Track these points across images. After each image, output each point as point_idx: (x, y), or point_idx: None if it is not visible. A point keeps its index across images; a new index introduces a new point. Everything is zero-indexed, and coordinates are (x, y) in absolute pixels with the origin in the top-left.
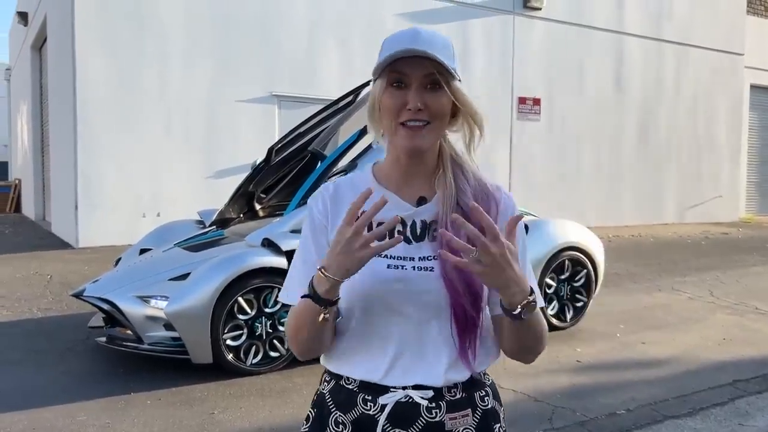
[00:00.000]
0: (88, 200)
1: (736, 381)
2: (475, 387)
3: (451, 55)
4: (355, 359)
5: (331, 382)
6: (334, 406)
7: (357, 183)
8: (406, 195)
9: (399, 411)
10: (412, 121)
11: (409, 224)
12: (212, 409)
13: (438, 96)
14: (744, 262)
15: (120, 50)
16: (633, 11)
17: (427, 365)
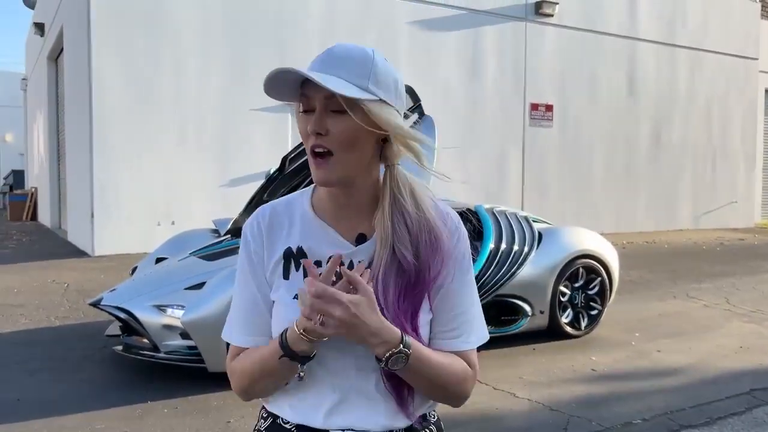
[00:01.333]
0: (104, 209)
1: (754, 390)
2: (418, 427)
3: (365, 73)
4: (294, 402)
5: (269, 419)
6: None
7: (292, 209)
8: (344, 230)
9: None
10: (317, 148)
11: (347, 264)
12: (228, 418)
13: (340, 120)
14: (760, 269)
15: (136, 60)
16: (646, 17)
17: (368, 412)
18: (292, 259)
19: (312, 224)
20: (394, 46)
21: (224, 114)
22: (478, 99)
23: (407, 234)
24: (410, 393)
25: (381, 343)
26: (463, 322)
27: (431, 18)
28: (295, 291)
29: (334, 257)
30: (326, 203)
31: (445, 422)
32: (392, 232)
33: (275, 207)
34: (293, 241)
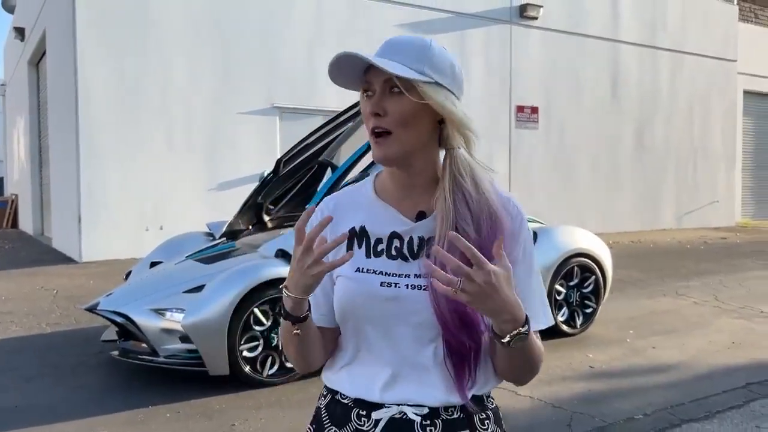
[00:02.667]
0: (92, 214)
1: (749, 384)
2: (477, 407)
3: (422, 58)
4: (352, 377)
5: (328, 396)
6: (329, 421)
7: (356, 196)
8: (405, 209)
9: (392, 427)
10: (377, 129)
11: (406, 240)
12: (232, 421)
13: (397, 101)
14: (744, 266)
15: (122, 64)
16: (627, 19)
17: (423, 386)
18: (355, 238)
19: (374, 205)
20: None
21: (212, 117)
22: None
23: (468, 212)
24: (470, 372)
25: (510, 319)
26: (532, 307)
27: (418, 21)
28: (357, 266)
29: (340, 235)
30: (388, 185)
31: None
32: (454, 209)
33: (339, 197)
34: (357, 221)
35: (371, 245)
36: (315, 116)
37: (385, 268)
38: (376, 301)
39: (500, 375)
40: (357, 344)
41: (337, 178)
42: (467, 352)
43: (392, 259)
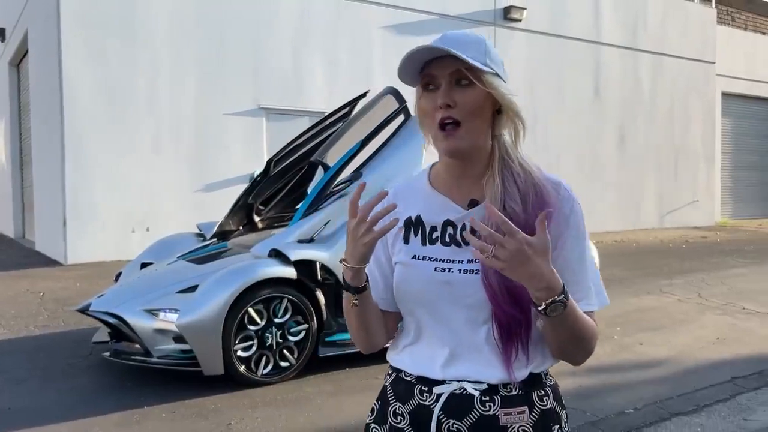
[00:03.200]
0: (77, 216)
1: (735, 378)
2: (534, 386)
3: (482, 51)
4: (413, 356)
5: (393, 375)
6: (393, 397)
7: (413, 187)
8: (458, 197)
9: (453, 402)
10: (447, 123)
11: (459, 227)
12: (228, 420)
13: (467, 92)
14: (726, 264)
15: (108, 64)
16: (609, 22)
17: (479, 365)
18: (411, 227)
19: (429, 195)
20: (368, 50)
21: (199, 119)
22: None
23: (517, 191)
24: (519, 348)
25: (545, 288)
26: (584, 288)
27: (403, 23)
28: (413, 254)
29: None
30: (442, 177)
31: None
32: (502, 189)
33: (396, 188)
34: (413, 211)
35: (426, 233)
36: (301, 117)
37: (439, 255)
38: (432, 285)
39: (553, 354)
40: (417, 326)
41: (329, 178)
42: (517, 326)
43: (446, 245)
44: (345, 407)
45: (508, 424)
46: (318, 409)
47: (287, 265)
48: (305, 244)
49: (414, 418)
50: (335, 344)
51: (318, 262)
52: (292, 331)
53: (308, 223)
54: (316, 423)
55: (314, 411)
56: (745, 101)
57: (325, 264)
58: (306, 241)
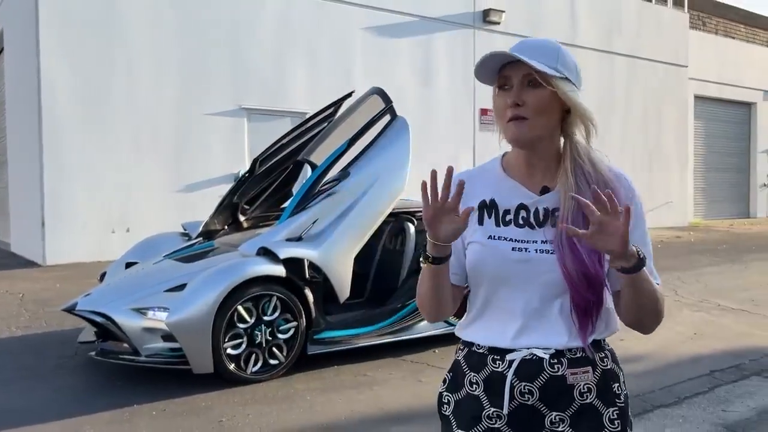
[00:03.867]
0: (56, 217)
1: (713, 371)
2: (596, 349)
3: (554, 57)
4: (484, 329)
5: (465, 349)
6: (467, 368)
7: (487, 170)
8: (530, 184)
9: (524, 366)
10: (516, 117)
11: (532, 210)
12: (220, 417)
13: (535, 93)
14: (700, 263)
15: (87, 63)
16: (585, 25)
17: (548, 334)
18: (485, 209)
19: (502, 181)
20: (349, 52)
21: (179, 119)
22: (431, 104)
23: (587, 186)
24: (592, 324)
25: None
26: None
27: (385, 24)
28: (489, 234)
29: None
30: (515, 164)
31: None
32: (575, 184)
33: (469, 173)
34: (487, 194)
35: (500, 216)
36: (283, 118)
37: (515, 236)
38: (509, 263)
39: (629, 323)
40: (487, 302)
41: (317, 176)
42: (591, 307)
43: (520, 227)
44: (335, 403)
45: (575, 383)
46: (309, 405)
47: (276, 263)
48: (294, 242)
49: (488, 385)
50: (323, 342)
51: (306, 260)
52: (281, 329)
53: (296, 221)
54: (308, 419)
55: (305, 407)
56: (717, 104)
57: (313, 262)
58: (294, 239)
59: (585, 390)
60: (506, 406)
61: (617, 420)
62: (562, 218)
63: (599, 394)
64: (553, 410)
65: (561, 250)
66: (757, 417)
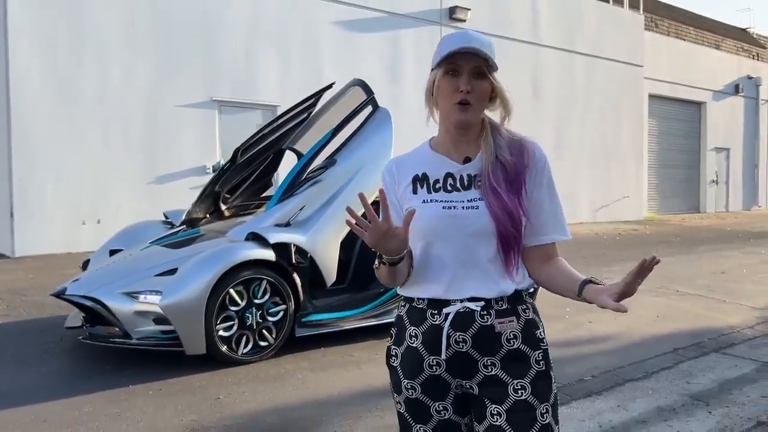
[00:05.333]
0: (25, 209)
1: (676, 349)
2: (518, 302)
3: (493, 51)
4: (422, 283)
5: (406, 305)
6: (409, 322)
7: (418, 151)
8: (455, 157)
9: (458, 318)
10: (463, 102)
11: (458, 177)
12: (216, 395)
13: (481, 84)
14: (656, 253)
15: (57, 55)
16: (547, 25)
17: (478, 281)
18: (417, 182)
19: (431, 157)
20: (318, 46)
21: (149, 110)
22: (399, 100)
23: (505, 145)
24: (515, 258)
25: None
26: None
27: (354, 19)
28: (423, 199)
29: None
30: (442, 142)
31: None
32: (494, 144)
33: (400, 158)
34: (419, 169)
35: (431, 184)
36: (254, 110)
37: (445, 198)
38: (439, 218)
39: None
40: (424, 257)
41: (303, 165)
42: (514, 241)
43: (448, 192)
44: (326, 381)
45: (502, 331)
46: (301, 383)
47: (266, 247)
48: (282, 227)
49: (426, 336)
50: (311, 324)
51: (293, 245)
52: (271, 311)
53: (284, 207)
54: (301, 396)
55: (298, 385)
56: (670, 103)
57: (300, 247)
58: (283, 225)
59: (511, 337)
60: (443, 353)
61: (542, 361)
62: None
63: (524, 340)
64: (484, 355)
65: (487, 195)
66: (718, 388)
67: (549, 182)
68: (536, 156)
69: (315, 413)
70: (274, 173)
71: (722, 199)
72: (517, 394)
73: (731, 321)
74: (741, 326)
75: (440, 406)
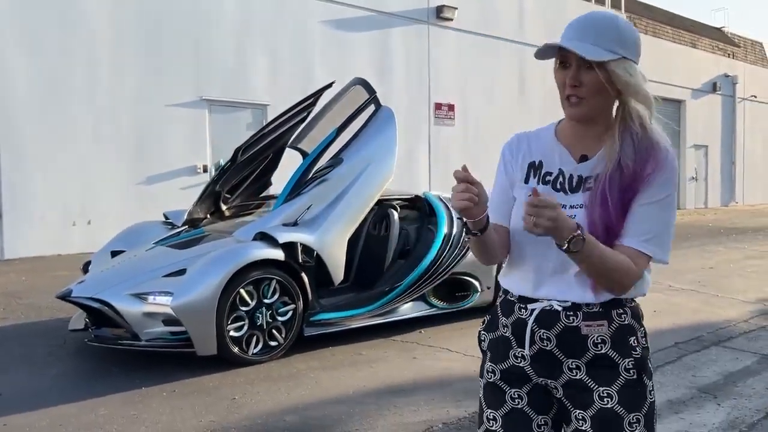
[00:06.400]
0: (14, 210)
1: (678, 343)
2: (613, 305)
3: (611, 37)
4: (513, 280)
5: (502, 296)
6: (501, 313)
7: (542, 134)
8: (575, 152)
9: (543, 316)
10: (572, 96)
11: (568, 177)
12: (231, 396)
13: (591, 74)
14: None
15: (46, 53)
16: (532, 25)
17: (565, 287)
18: (532, 169)
19: (553, 145)
20: (308, 45)
21: (139, 110)
22: (387, 98)
23: (632, 150)
24: None
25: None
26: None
27: (343, 18)
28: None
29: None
30: (567, 132)
31: (443, 381)
32: (619, 149)
33: (527, 134)
34: (537, 156)
35: (542, 176)
36: (245, 109)
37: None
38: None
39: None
40: (519, 254)
41: (309, 164)
42: None
43: (556, 191)
44: (339, 380)
45: (589, 334)
46: (314, 382)
47: (275, 247)
48: (290, 227)
49: (514, 329)
50: (319, 323)
51: (299, 244)
52: (280, 311)
53: (292, 207)
54: (316, 395)
55: (311, 384)
56: None
57: (308, 246)
58: (290, 224)
59: (599, 341)
60: (527, 348)
61: (633, 369)
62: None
63: (613, 345)
64: (569, 357)
65: (593, 202)
66: (724, 380)
67: (666, 200)
68: (663, 167)
69: (333, 412)
70: (273, 173)
71: (701, 195)
72: (602, 401)
73: (727, 315)
74: (737, 320)
75: (515, 394)
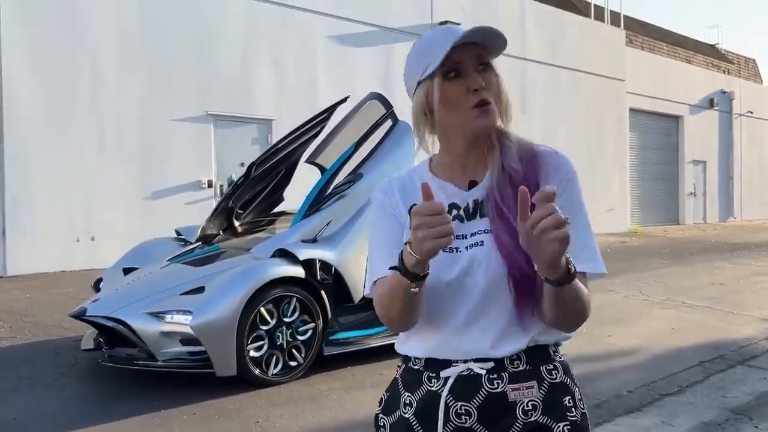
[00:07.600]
0: (17, 226)
1: (703, 362)
2: (541, 360)
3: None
4: (419, 337)
5: (402, 366)
6: (403, 388)
7: (414, 177)
8: (459, 181)
9: (460, 384)
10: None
11: (463, 206)
12: (254, 419)
13: (489, 74)
14: (653, 266)
15: (50, 66)
16: (533, 40)
17: (487, 333)
18: None
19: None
20: (313, 58)
21: (144, 124)
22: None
23: (515, 153)
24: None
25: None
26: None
27: (347, 33)
28: None
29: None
30: (445, 165)
31: None
32: (501, 155)
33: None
34: (417, 199)
35: None
36: (250, 124)
37: None
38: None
39: (548, 321)
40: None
41: (327, 179)
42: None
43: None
44: (363, 401)
45: (517, 400)
46: (339, 404)
47: (295, 264)
48: (310, 243)
49: (421, 406)
50: (338, 343)
51: (317, 261)
52: (300, 330)
53: (311, 223)
54: (341, 417)
55: (335, 406)
56: (649, 117)
57: (328, 263)
58: (309, 241)
59: (529, 408)
60: (441, 428)
61: None
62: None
63: (545, 410)
64: (494, 431)
65: (493, 221)
66: (755, 401)
67: (580, 204)
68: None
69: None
70: (285, 188)
71: (700, 211)
72: None
73: (746, 332)
74: (757, 338)
75: None
